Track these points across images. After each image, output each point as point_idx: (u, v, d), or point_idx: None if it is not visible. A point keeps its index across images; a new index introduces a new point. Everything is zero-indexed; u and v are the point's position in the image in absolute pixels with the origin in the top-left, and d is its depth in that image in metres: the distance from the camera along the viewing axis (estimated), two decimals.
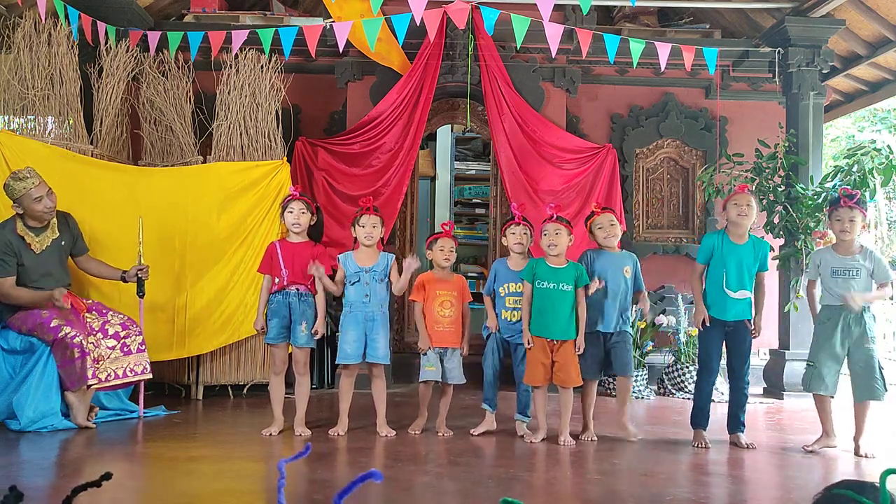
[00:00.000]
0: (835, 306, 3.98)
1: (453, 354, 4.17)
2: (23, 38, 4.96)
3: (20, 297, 4.18)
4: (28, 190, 4.15)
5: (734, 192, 4.17)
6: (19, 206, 4.19)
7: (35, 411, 3.99)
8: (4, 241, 4.16)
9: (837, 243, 4.08)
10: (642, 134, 6.61)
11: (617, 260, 4.22)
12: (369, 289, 4.09)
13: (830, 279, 4.01)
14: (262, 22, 6.21)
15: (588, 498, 2.99)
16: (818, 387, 3.97)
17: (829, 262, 4.04)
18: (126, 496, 2.96)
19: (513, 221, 4.26)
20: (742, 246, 4.06)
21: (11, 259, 4.16)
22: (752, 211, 4.07)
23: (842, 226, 3.99)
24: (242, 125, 5.41)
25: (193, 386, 5.27)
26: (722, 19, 6.99)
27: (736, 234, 4.09)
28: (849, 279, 3.95)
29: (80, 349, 4.09)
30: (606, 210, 4.32)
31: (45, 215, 4.25)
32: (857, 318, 3.93)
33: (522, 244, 4.22)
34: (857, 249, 4.02)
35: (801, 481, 3.36)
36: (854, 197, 3.99)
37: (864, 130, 12.60)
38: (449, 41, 5.99)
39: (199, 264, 5.19)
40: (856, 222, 3.96)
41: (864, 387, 3.92)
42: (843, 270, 3.97)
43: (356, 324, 4.09)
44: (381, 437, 4.02)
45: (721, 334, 4.10)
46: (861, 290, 3.92)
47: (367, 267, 4.11)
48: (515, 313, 4.15)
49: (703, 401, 4.11)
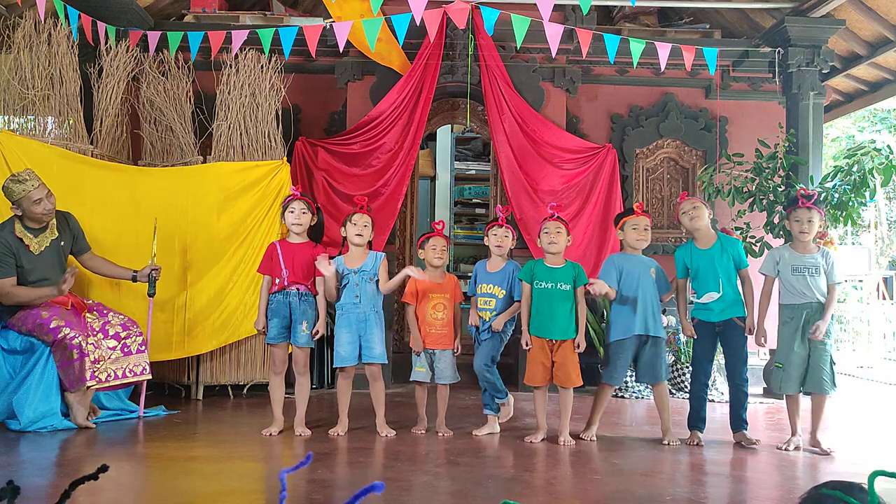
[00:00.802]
0: (795, 305, 4.03)
1: (443, 355, 4.18)
2: (23, 38, 4.96)
3: (20, 295, 4.18)
4: (27, 192, 4.15)
5: (678, 203, 4.24)
6: (18, 208, 4.19)
7: (35, 411, 3.99)
8: (3, 242, 4.16)
9: (796, 242, 4.13)
10: (642, 134, 6.61)
11: (644, 262, 4.19)
12: (359, 290, 4.09)
13: (791, 276, 4.05)
14: (262, 22, 6.21)
15: (588, 498, 2.99)
16: (788, 388, 4.02)
17: (788, 260, 4.08)
18: (126, 496, 2.96)
19: (495, 223, 4.25)
20: (709, 250, 4.11)
21: (11, 260, 4.16)
22: (702, 211, 4.13)
23: (801, 226, 4.06)
24: (242, 125, 5.41)
25: (193, 386, 5.28)
26: (722, 19, 6.99)
27: (700, 241, 4.14)
28: (808, 276, 4.00)
29: (78, 350, 4.09)
30: (646, 213, 4.23)
31: (44, 217, 4.25)
32: (815, 314, 3.98)
33: (502, 246, 4.20)
34: (814, 248, 4.09)
35: (801, 481, 3.36)
36: (812, 198, 4.07)
37: (864, 130, 12.60)
38: (449, 41, 5.99)
39: (199, 264, 5.19)
40: (814, 222, 4.05)
41: (813, 380, 3.97)
42: (804, 268, 4.03)
43: (349, 326, 4.09)
44: (381, 438, 4.02)
45: (711, 337, 4.13)
46: (819, 287, 3.98)
47: (355, 268, 4.11)
48: (485, 314, 4.15)
49: (697, 403, 4.14)
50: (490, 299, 4.15)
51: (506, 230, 4.21)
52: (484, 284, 4.20)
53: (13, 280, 4.18)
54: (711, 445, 4.01)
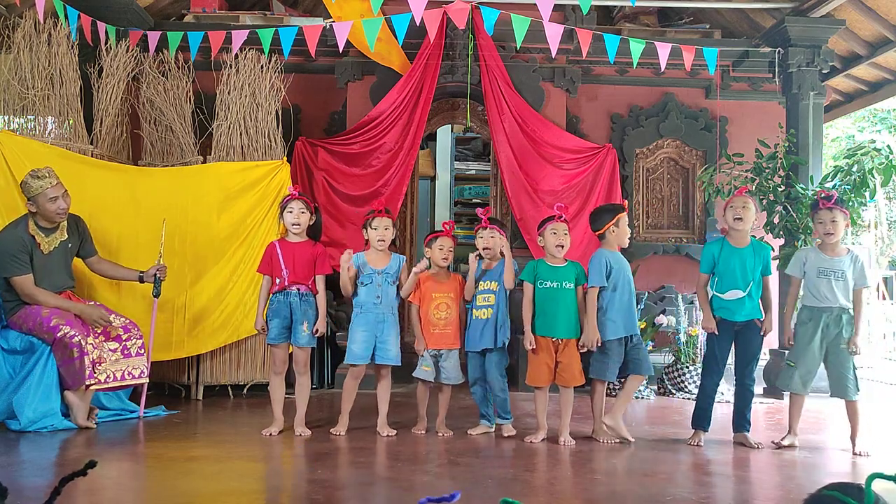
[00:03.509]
0: (816, 307, 4.00)
1: (449, 355, 4.17)
2: (23, 38, 4.96)
3: (39, 298, 4.17)
4: (44, 189, 4.18)
5: (732, 196, 4.16)
6: (34, 205, 4.21)
7: (35, 411, 3.99)
8: (19, 239, 4.18)
9: (823, 244, 4.08)
10: (642, 134, 6.61)
11: (625, 259, 4.18)
12: (381, 290, 4.09)
13: (816, 279, 4.00)
14: (262, 22, 6.21)
15: (588, 498, 2.98)
16: (794, 387, 4.01)
17: (815, 262, 4.03)
18: (126, 496, 2.96)
19: (480, 225, 4.22)
20: (743, 249, 4.06)
21: (26, 257, 4.19)
22: (750, 213, 4.06)
23: (825, 228, 4.01)
24: (242, 125, 5.41)
25: (193, 386, 5.27)
26: (722, 19, 7.00)
27: (735, 239, 4.09)
28: (833, 280, 3.96)
29: (79, 348, 4.09)
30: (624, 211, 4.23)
31: (58, 216, 4.27)
32: (836, 319, 3.96)
33: (490, 248, 4.17)
34: (842, 251, 4.04)
35: (801, 481, 3.35)
36: (832, 198, 4.00)
37: (864, 130, 12.60)
38: (449, 41, 5.99)
39: (199, 264, 5.19)
40: (838, 223, 3.98)
41: (838, 386, 3.97)
42: (829, 271, 3.98)
43: (366, 325, 4.09)
44: (382, 437, 4.02)
45: (731, 336, 4.08)
46: (844, 292, 3.95)
47: (379, 269, 4.11)
48: (486, 311, 4.13)
49: (706, 402, 4.10)
50: (489, 295, 4.15)
51: (492, 231, 4.18)
52: (481, 282, 4.19)
53: (31, 278, 4.19)
54: (711, 445, 4.00)
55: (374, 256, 4.15)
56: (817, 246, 4.16)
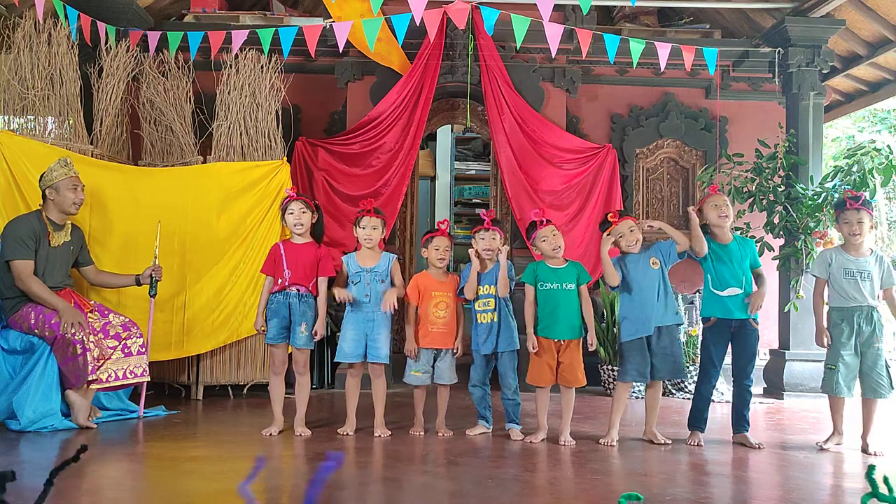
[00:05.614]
0: (846, 308, 3.99)
1: (446, 355, 4.18)
2: (23, 38, 4.95)
3: (33, 287, 4.16)
4: (69, 175, 4.29)
5: (709, 195, 4.16)
6: (54, 192, 4.26)
7: (35, 411, 3.98)
8: (31, 225, 4.22)
9: (847, 245, 4.07)
10: (642, 134, 6.61)
11: (643, 257, 4.12)
12: (370, 289, 4.09)
13: (843, 279, 4.00)
14: (261, 22, 6.21)
15: (588, 498, 2.98)
16: (839, 390, 3.97)
17: (841, 263, 4.02)
18: (126, 496, 2.96)
19: (481, 227, 4.21)
20: (729, 245, 4.08)
21: (33, 245, 4.21)
22: (731, 210, 4.14)
23: (850, 228, 4.00)
24: (242, 125, 5.41)
25: (193, 386, 5.27)
26: (722, 19, 6.99)
27: (720, 236, 4.10)
28: (860, 280, 3.96)
29: (81, 345, 4.10)
30: (625, 216, 4.14)
31: (74, 207, 4.34)
32: (867, 318, 3.95)
33: (491, 250, 4.16)
34: (866, 251, 4.03)
35: (801, 481, 3.35)
36: (860, 199, 4.00)
37: (864, 130, 12.59)
38: (449, 41, 5.99)
39: (199, 264, 5.19)
40: (864, 223, 3.99)
41: (870, 385, 3.96)
42: (856, 272, 3.98)
43: (356, 324, 4.10)
44: (376, 438, 4.01)
45: (727, 336, 4.08)
46: (871, 291, 3.95)
47: (368, 267, 4.12)
48: (487, 315, 4.13)
49: (703, 403, 4.11)
50: (489, 300, 4.15)
51: (493, 233, 4.17)
52: (480, 287, 4.19)
53: (32, 265, 4.20)
54: (711, 445, 4.00)
55: (362, 255, 4.17)
56: (840, 247, 4.15)
